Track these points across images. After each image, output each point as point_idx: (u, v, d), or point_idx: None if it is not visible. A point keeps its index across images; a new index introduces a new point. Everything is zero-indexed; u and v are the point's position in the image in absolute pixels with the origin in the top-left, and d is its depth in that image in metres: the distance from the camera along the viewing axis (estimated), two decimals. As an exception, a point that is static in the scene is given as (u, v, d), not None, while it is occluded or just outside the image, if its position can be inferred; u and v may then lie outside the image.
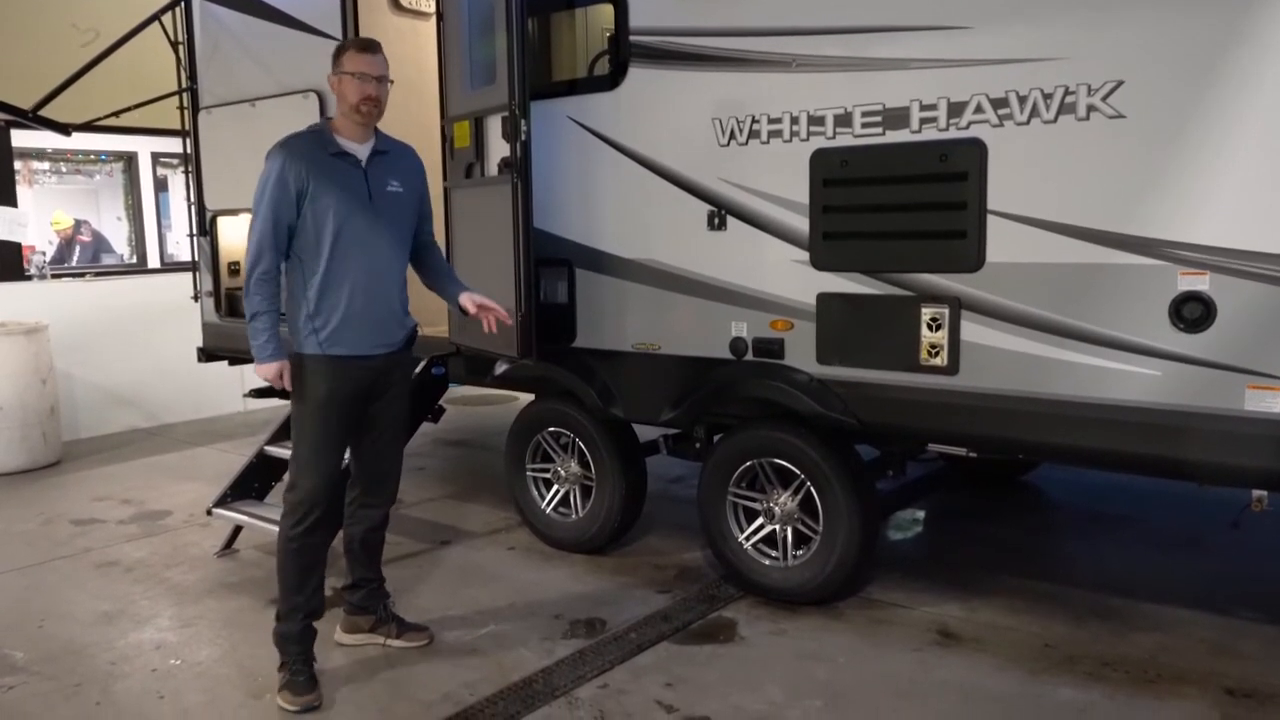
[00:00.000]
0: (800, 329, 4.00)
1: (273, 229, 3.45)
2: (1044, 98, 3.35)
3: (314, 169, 3.46)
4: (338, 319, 3.50)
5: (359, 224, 3.51)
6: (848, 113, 3.78)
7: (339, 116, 3.60)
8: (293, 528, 3.59)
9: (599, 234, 4.54)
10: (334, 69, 3.59)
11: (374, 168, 3.58)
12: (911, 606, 4.24)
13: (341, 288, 3.50)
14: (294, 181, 3.43)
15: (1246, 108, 3.05)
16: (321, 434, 3.58)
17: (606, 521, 4.82)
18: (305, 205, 3.45)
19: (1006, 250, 3.49)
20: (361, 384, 3.60)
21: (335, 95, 3.60)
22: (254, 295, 3.47)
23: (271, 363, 3.50)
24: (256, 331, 3.48)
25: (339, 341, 3.52)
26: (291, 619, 3.63)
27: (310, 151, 3.49)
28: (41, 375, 7.09)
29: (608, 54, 4.49)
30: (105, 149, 9.97)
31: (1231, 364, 3.14)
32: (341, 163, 3.53)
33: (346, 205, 3.49)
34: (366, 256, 3.54)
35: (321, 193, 3.45)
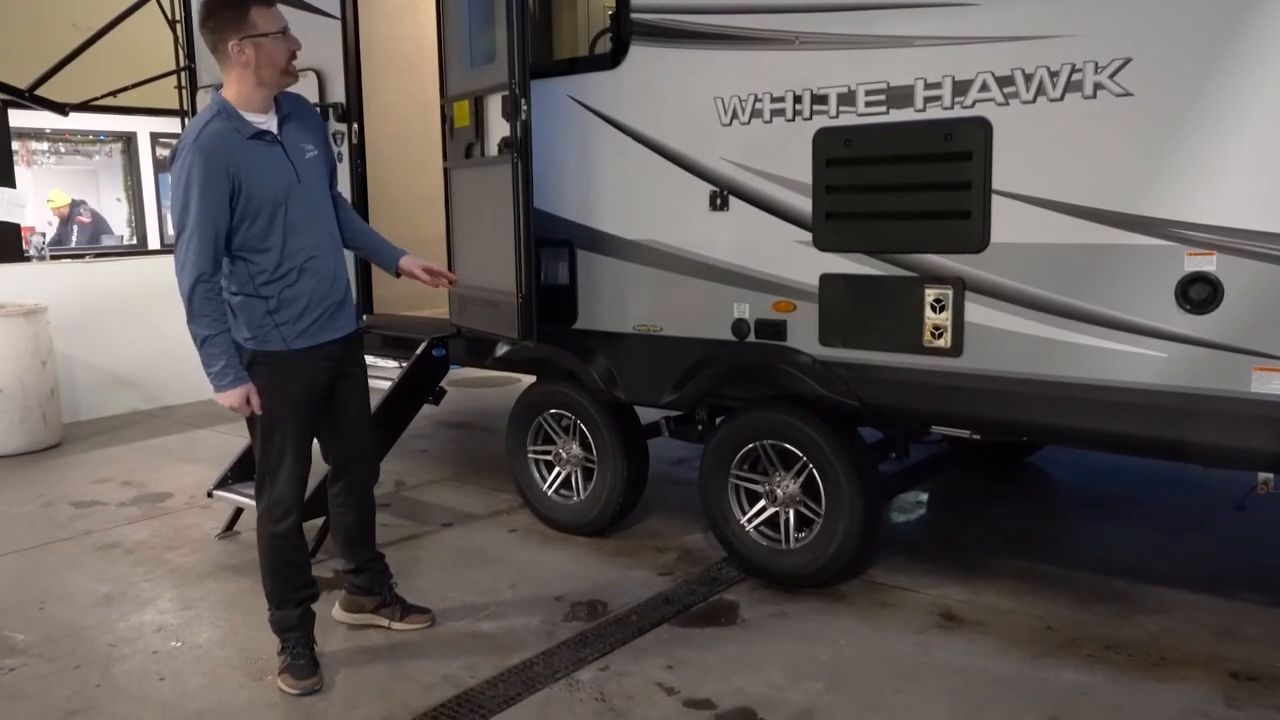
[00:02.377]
0: (803, 310, 3.96)
1: (210, 238, 3.13)
2: (1050, 76, 3.30)
3: (239, 162, 3.17)
4: (300, 307, 3.35)
5: (296, 206, 3.31)
6: (851, 91, 3.73)
7: (249, 88, 3.23)
8: (273, 525, 3.51)
9: (600, 214, 4.50)
10: (239, 34, 3.15)
11: (288, 138, 3.33)
12: (914, 589, 4.22)
13: (296, 275, 3.33)
14: (222, 182, 3.14)
15: (1256, 85, 3.00)
16: (294, 432, 3.46)
17: (608, 504, 4.80)
18: (239, 203, 3.17)
19: (1011, 231, 3.45)
20: (327, 373, 3.50)
21: (244, 65, 3.19)
22: (200, 316, 3.16)
23: (234, 389, 3.24)
24: (211, 358, 3.20)
25: (304, 332, 3.38)
26: (287, 606, 3.61)
27: (228, 143, 3.18)
28: (41, 357, 7.07)
29: (609, 32, 4.44)
30: (104, 129, 9.93)
31: (1238, 345, 3.11)
32: (261, 144, 3.25)
33: (280, 190, 3.27)
34: (311, 236, 3.37)
35: (253, 185, 3.20)
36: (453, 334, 5.11)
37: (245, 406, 3.31)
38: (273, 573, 3.60)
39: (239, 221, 3.21)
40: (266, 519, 3.54)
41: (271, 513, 3.52)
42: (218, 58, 3.27)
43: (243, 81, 3.24)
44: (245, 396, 3.29)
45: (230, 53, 3.20)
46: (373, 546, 3.96)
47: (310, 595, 3.67)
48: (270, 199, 3.24)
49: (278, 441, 3.46)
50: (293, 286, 3.34)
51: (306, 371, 3.44)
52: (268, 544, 3.56)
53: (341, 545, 3.93)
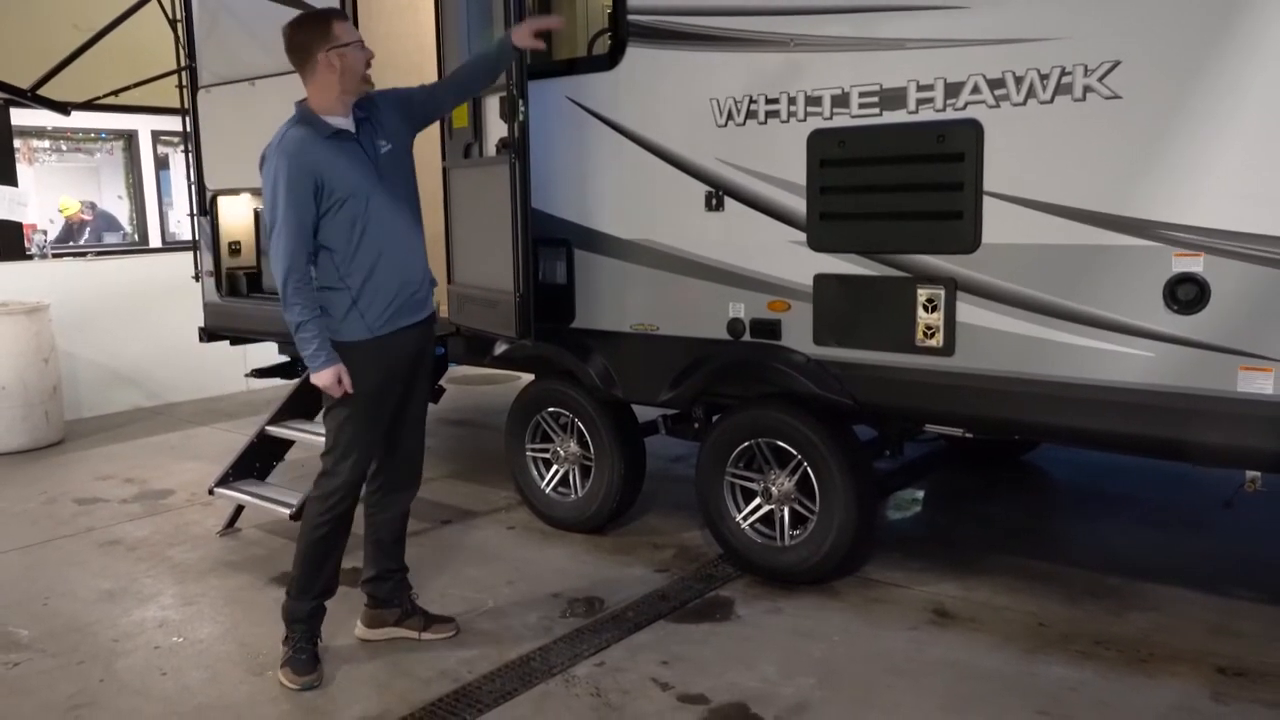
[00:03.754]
0: (797, 310, 4.00)
1: (298, 232, 3.36)
2: (1040, 78, 3.34)
3: (319, 160, 3.38)
4: (382, 297, 3.51)
5: (377, 199, 3.48)
6: (845, 93, 3.77)
7: (333, 95, 3.45)
8: (326, 512, 3.58)
9: (597, 214, 4.54)
10: (326, 46, 3.41)
11: (364, 136, 3.52)
12: (908, 586, 4.27)
13: (378, 265, 3.49)
14: (306, 180, 3.35)
15: (1243, 89, 3.04)
16: (368, 422, 3.58)
17: (605, 501, 4.85)
18: (323, 200, 3.39)
19: (1002, 231, 3.49)
20: (406, 361, 3.64)
21: (330, 74, 3.42)
22: (294, 304, 3.39)
23: (327, 369, 3.42)
24: (305, 341, 3.41)
25: (384, 319, 3.53)
26: (304, 598, 3.64)
27: (308, 145, 3.39)
28: (44, 355, 7.12)
29: (606, 33, 4.47)
30: (105, 128, 9.97)
31: (1224, 345, 3.15)
32: (338, 142, 3.46)
33: (360, 186, 3.44)
34: (392, 227, 3.53)
35: (334, 181, 3.39)
36: (451, 332, 5.15)
37: (337, 386, 3.45)
38: (308, 559, 3.62)
39: (323, 215, 3.41)
40: (321, 504, 3.59)
41: (328, 499, 3.58)
42: (304, 71, 3.46)
43: (329, 89, 3.45)
44: (338, 376, 3.44)
45: (319, 64, 3.42)
46: (400, 556, 3.95)
47: (329, 590, 3.71)
48: (350, 193, 3.42)
49: (350, 430, 3.56)
50: (373, 276, 3.49)
51: (387, 361, 3.56)
52: (313, 529, 3.61)
53: (370, 548, 3.89)
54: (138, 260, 9.10)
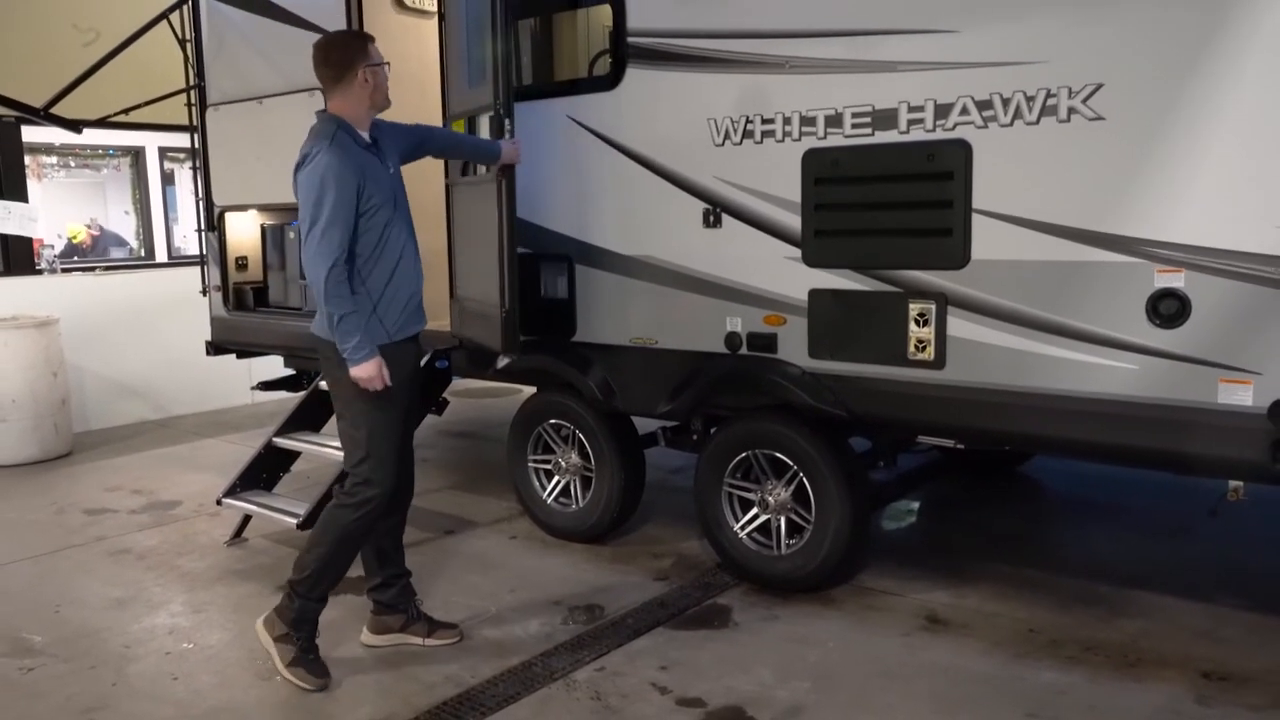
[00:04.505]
0: (793, 324, 4.11)
1: (342, 229, 3.46)
2: (1026, 100, 3.46)
3: (362, 166, 3.53)
4: (399, 304, 3.67)
5: (396, 211, 3.67)
6: (838, 114, 3.88)
7: (363, 110, 3.63)
8: (364, 519, 3.65)
9: (598, 230, 4.66)
10: (366, 63, 3.59)
11: (382, 154, 3.70)
12: (902, 593, 4.36)
13: (396, 273, 3.66)
14: (352, 180, 3.47)
15: (1220, 111, 3.15)
16: (396, 425, 3.70)
17: (605, 511, 4.94)
18: (361, 202, 3.51)
19: (991, 248, 3.60)
20: (410, 368, 3.79)
21: (363, 90, 3.59)
22: (335, 297, 3.46)
23: (371, 360, 3.50)
24: (348, 333, 3.48)
25: (399, 325, 3.68)
26: (313, 598, 3.71)
27: (354, 150, 3.54)
28: (53, 368, 7.23)
29: (607, 54, 4.59)
30: (113, 144, 10.10)
31: (1205, 358, 3.25)
32: (371, 156, 3.63)
33: (388, 197, 3.63)
34: (407, 239, 3.72)
35: (373, 187, 3.54)
36: (455, 346, 5.25)
37: (379, 379, 3.53)
38: (334, 564, 3.69)
39: (358, 219, 3.53)
40: (357, 511, 3.64)
41: (367, 504, 3.63)
42: (340, 85, 3.60)
43: (360, 104, 3.63)
44: (379, 368, 3.52)
45: (356, 80, 3.59)
46: (402, 561, 4.04)
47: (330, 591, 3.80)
48: (382, 202, 3.59)
49: (382, 429, 3.65)
50: (392, 282, 3.65)
51: (402, 363, 3.69)
52: (345, 535, 3.66)
53: (372, 558, 3.98)
54: (144, 275, 9.21)
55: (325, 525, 3.73)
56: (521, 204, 4.88)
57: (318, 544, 3.70)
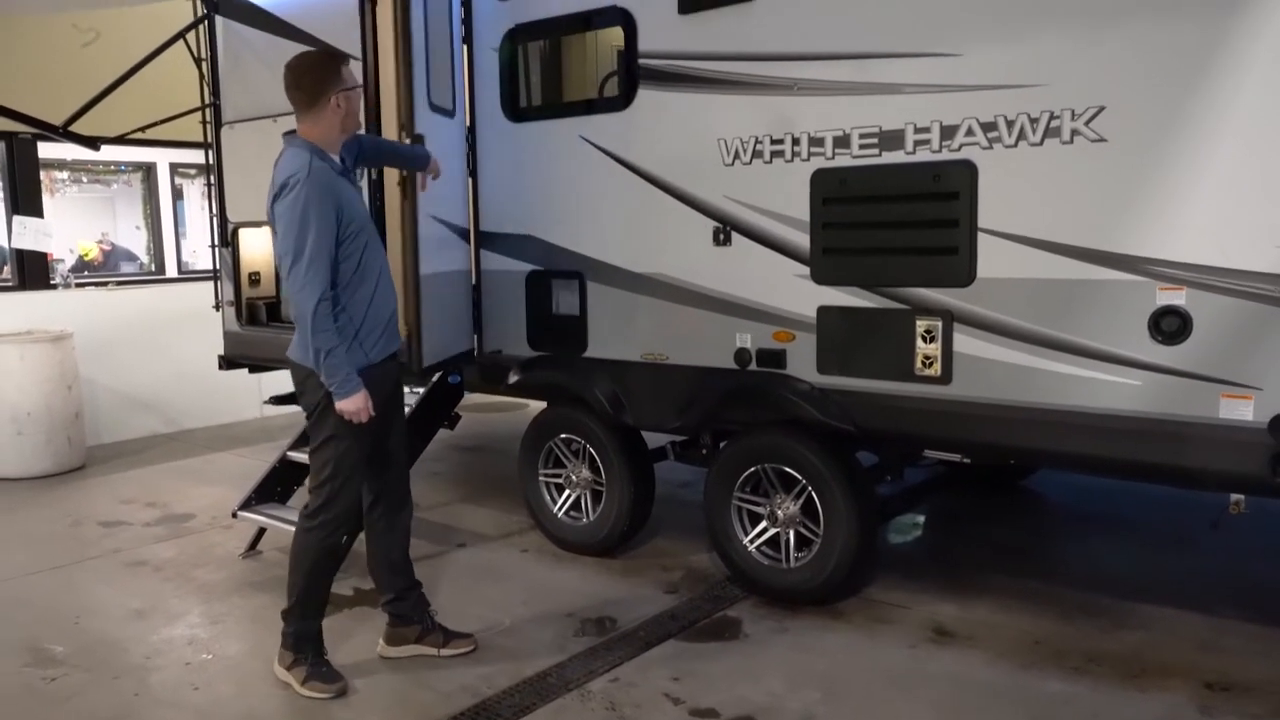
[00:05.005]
0: (801, 340, 4.19)
1: (326, 260, 3.45)
2: (1030, 122, 3.55)
3: (339, 193, 3.53)
4: (378, 326, 3.69)
5: (372, 234, 3.69)
6: (846, 134, 3.97)
7: (334, 134, 3.60)
8: (328, 538, 3.74)
9: (609, 248, 4.74)
10: (339, 87, 3.56)
11: (352, 175, 3.73)
12: (908, 606, 4.42)
13: (375, 295, 3.67)
14: (331, 211, 3.46)
15: (1220, 133, 3.24)
16: (364, 448, 3.72)
17: (616, 524, 5.01)
18: (341, 230, 3.51)
19: (996, 266, 3.69)
20: (391, 386, 3.82)
21: (336, 114, 3.56)
22: (322, 331, 3.45)
23: (357, 394, 3.50)
24: (334, 369, 3.47)
25: (376, 345, 3.70)
26: (311, 617, 3.81)
27: (330, 178, 3.52)
28: (67, 382, 7.31)
29: (618, 76, 4.69)
30: (126, 160, 10.21)
31: (1207, 374, 3.33)
32: (345, 180, 3.64)
33: (364, 220, 3.65)
34: (382, 260, 3.75)
35: (351, 214, 3.56)
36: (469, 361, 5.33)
37: (365, 412, 3.55)
38: (313, 586, 3.79)
39: (338, 246, 3.53)
40: (321, 533, 3.73)
41: (328, 527, 3.73)
42: (312, 109, 3.57)
43: (332, 128, 3.60)
44: (365, 401, 3.54)
45: (329, 105, 3.56)
46: (411, 573, 4.10)
47: (324, 606, 3.89)
48: (360, 225, 3.61)
49: (351, 459, 3.69)
50: (372, 305, 3.67)
51: (382, 387, 3.73)
52: (314, 559, 3.75)
53: (384, 572, 4.04)
54: (155, 290, 9.31)
55: (297, 552, 3.79)
56: (533, 222, 5.01)
57: (295, 570, 3.79)
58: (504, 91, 5.04)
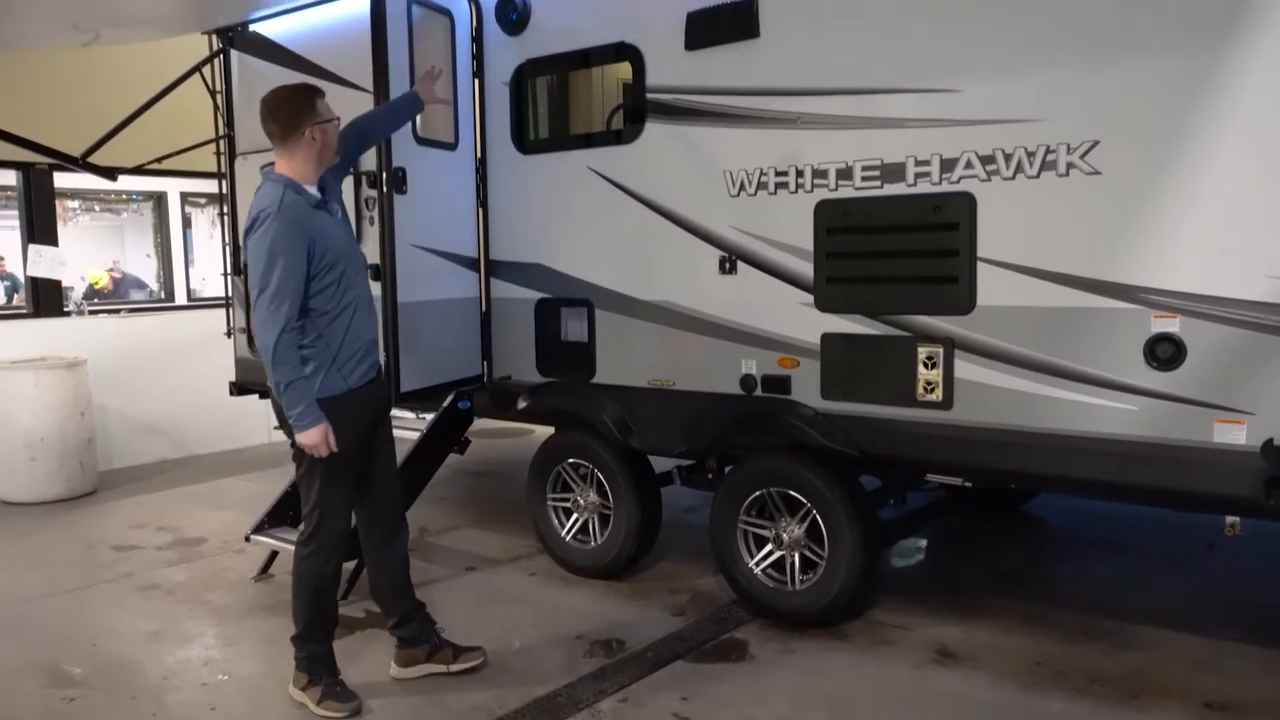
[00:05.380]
0: (806, 366, 4.29)
1: (293, 295, 3.50)
2: (1027, 155, 3.67)
3: (311, 227, 3.57)
4: (355, 349, 3.74)
5: (350, 261, 3.73)
6: (849, 167, 4.09)
7: (311, 167, 3.65)
8: (324, 564, 3.84)
9: (618, 276, 4.86)
10: (311, 121, 3.61)
11: (329, 203, 3.74)
12: (912, 627, 4.49)
13: (352, 322, 3.72)
14: (301, 246, 3.51)
15: (1211, 165, 3.35)
16: (347, 474, 3.81)
17: (624, 548, 5.09)
18: (314, 263, 3.56)
19: (995, 294, 3.79)
20: (372, 410, 3.87)
21: (310, 148, 3.62)
22: (283, 364, 3.52)
23: (315, 427, 3.57)
24: (294, 401, 3.54)
25: (356, 370, 3.75)
26: (317, 640, 3.90)
27: (302, 212, 3.57)
28: (80, 408, 7.41)
29: (627, 109, 4.82)
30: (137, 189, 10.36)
31: (1201, 399, 3.43)
32: (322, 212, 3.67)
33: (342, 251, 3.68)
34: (361, 287, 3.79)
35: (325, 246, 3.59)
36: (477, 387, 5.43)
37: (324, 445, 3.62)
38: (315, 610, 3.88)
39: (313, 278, 3.60)
40: (316, 560, 3.83)
41: (321, 553, 3.82)
42: (287, 143, 3.64)
43: (307, 161, 3.66)
44: (325, 435, 3.60)
45: (304, 137, 3.63)
46: (413, 594, 4.19)
47: (336, 623, 3.98)
48: (337, 257, 3.66)
49: (335, 484, 3.78)
50: (350, 331, 3.73)
51: (360, 412, 3.80)
52: (313, 583, 3.85)
53: (387, 596, 4.12)
54: (166, 317, 9.42)
55: (297, 578, 3.88)
56: (542, 251, 5.13)
57: (297, 596, 3.89)
58: (514, 124, 5.18)
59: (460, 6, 5.21)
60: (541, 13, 5.00)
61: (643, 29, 4.61)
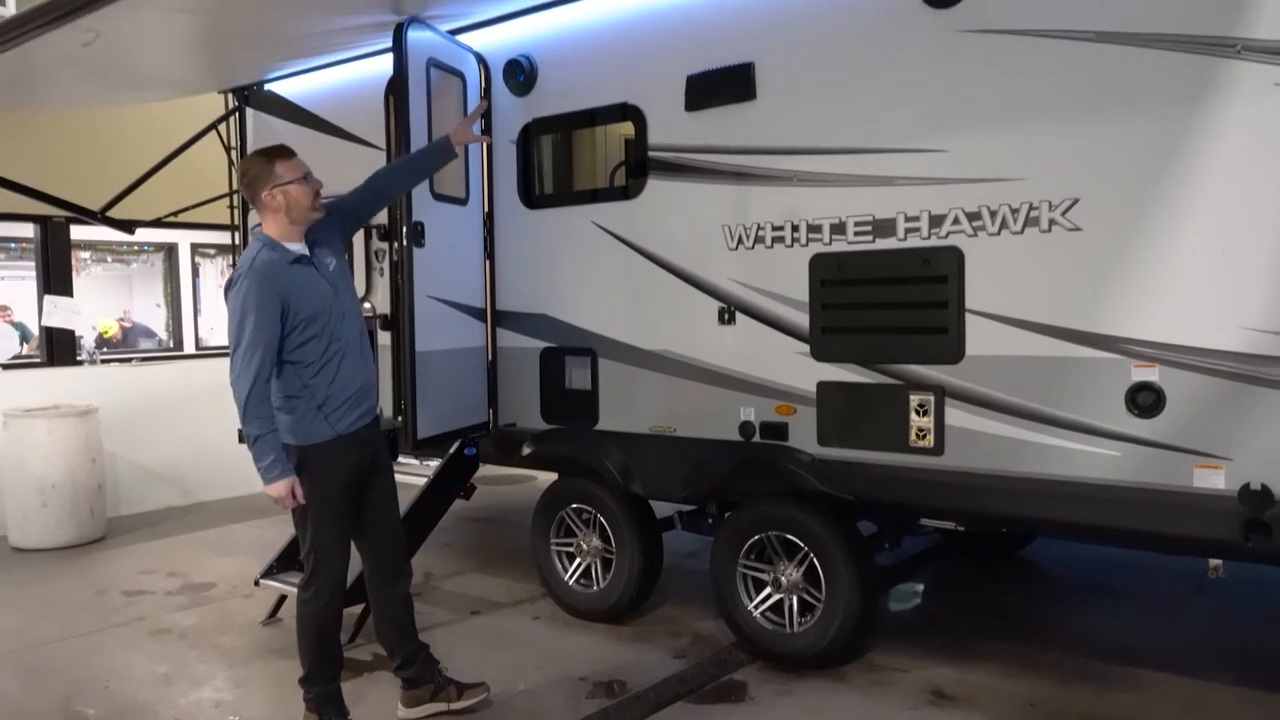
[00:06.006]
0: (802, 413, 4.44)
1: (264, 351, 3.63)
2: (1012, 212, 3.85)
3: (286, 284, 3.70)
4: (343, 397, 3.86)
5: (335, 314, 3.83)
6: (842, 222, 4.27)
7: (284, 225, 3.80)
8: (325, 607, 3.96)
9: (620, 327, 5.02)
10: (270, 184, 3.75)
11: (317, 257, 3.86)
12: (909, 669, 4.59)
13: (339, 371, 3.84)
14: (274, 303, 3.65)
15: (1187, 221, 3.53)
16: (339, 518, 3.93)
17: (626, 591, 5.20)
18: (289, 319, 3.70)
19: (983, 344, 3.95)
20: (365, 456, 3.98)
21: (277, 209, 3.77)
22: (254, 418, 3.64)
23: (281, 480, 3.69)
24: (262, 454, 3.66)
25: (345, 418, 3.87)
26: (323, 682, 4.01)
27: (277, 269, 3.71)
28: (92, 455, 7.54)
29: (629, 166, 5.02)
30: (149, 240, 10.59)
31: (1181, 445, 3.57)
32: (300, 267, 3.79)
33: (321, 305, 3.79)
34: (349, 337, 3.90)
35: (299, 303, 3.72)
36: (483, 434, 5.58)
37: (290, 498, 3.76)
38: (319, 652, 4.00)
39: (289, 333, 3.74)
40: (316, 603, 3.95)
41: (320, 597, 3.95)
42: (255, 206, 3.86)
43: (277, 221, 3.82)
44: (291, 488, 3.73)
45: (264, 200, 3.80)
46: (416, 636, 4.30)
47: (342, 663, 4.10)
48: (314, 312, 3.79)
49: (327, 529, 3.91)
50: (335, 380, 3.85)
51: (349, 459, 3.91)
52: (316, 624, 3.97)
53: (391, 638, 4.24)
54: (175, 365, 9.59)
55: (300, 621, 4.01)
56: (547, 302, 5.30)
57: (302, 638, 4.01)
58: (521, 180, 5.38)
59: (471, 68, 5.43)
60: (547, 75, 5.22)
61: (645, 91, 4.82)
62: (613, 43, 4.96)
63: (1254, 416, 3.45)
